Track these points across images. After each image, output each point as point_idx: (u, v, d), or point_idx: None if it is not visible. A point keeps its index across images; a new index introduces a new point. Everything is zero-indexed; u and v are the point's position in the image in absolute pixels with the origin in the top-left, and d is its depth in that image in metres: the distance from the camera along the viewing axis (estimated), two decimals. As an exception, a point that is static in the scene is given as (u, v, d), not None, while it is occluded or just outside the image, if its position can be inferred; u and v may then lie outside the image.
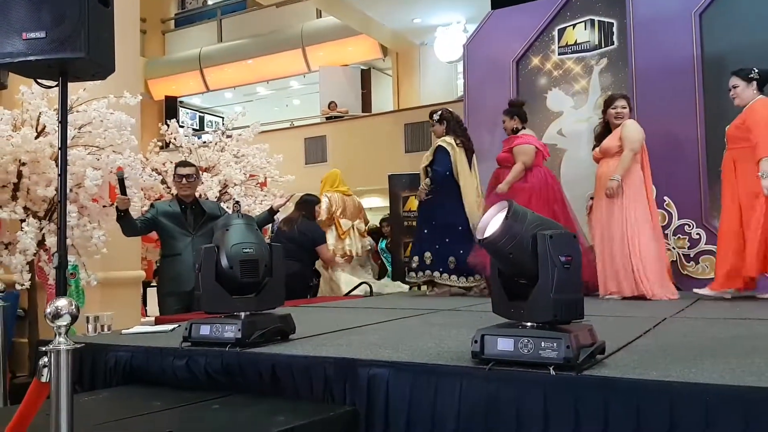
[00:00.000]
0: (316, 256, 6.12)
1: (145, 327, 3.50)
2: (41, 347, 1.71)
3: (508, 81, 7.09)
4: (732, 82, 4.65)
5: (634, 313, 3.83)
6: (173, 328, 3.30)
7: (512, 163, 5.45)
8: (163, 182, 6.11)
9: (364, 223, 7.29)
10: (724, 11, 5.94)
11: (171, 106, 17.47)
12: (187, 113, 19.05)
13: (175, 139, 6.86)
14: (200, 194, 5.66)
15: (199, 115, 19.64)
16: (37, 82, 2.81)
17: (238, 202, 3.41)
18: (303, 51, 15.93)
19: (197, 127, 18.17)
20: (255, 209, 6.24)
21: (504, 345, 2.02)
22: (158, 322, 3.96)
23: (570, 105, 6.77)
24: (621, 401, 1.83)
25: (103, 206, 4.69)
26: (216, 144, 7.00)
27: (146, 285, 7.41)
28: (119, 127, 4.70)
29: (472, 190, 5.48)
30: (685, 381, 1.82)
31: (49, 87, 2.67)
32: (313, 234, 6.04)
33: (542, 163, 5.57)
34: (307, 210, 6.13)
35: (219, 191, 6.29)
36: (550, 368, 1.93)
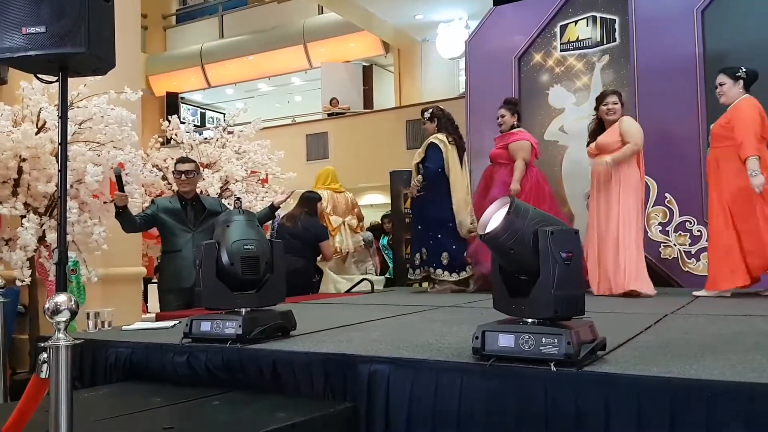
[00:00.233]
0: (318, 252, 6.12)
1: (146, 323, 3.50)
2: (41, 343, 1.70)
3: (509, 78, 7.08)
4: (719, 80, 4.67)
5: (634, 309, 3.82)
6: (174, 325, 3.30)
7: (507, 159, 5.48)
8: (164, 178, 6.10)
9: (357, 219, 7.27)
10: (726, 8, 5.92)
11: (172, 103, 17.47)
12: (188, 109, 19.02)
13: (176, 135, 6.85)
14: (201, 190, 5.65)
15: (201, 112, 19.63)
16: (38, 78, 2.81)
17: (239, 198, 3.40)
18: (304, 47, 15.92)
19: (198, 124, 18.13)
20: (256, 206, 6.23)
21: (505, 341, 2.02)
22: (159, 318, 3.95)
23: (572, 102, 6.76)
24: (622, 397, 1.83)
25: (104, 202, 4.68)
26: (217, 140, 6.98)
27: (147, 281, 7.40)
28: (120, 123, 4.69)
29: (462, 187, 5.50)
30: (686, 377, 1.82)
31: (50, 82, 2.66)
32: (317, 230, 6.06)
33: (534, 162, 5.60)
34: (309, 207, 6.14)
35: (220, 187, 6.28)
36: (551, 364, 1.92)
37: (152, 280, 7.30)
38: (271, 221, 5.64)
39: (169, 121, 6.94)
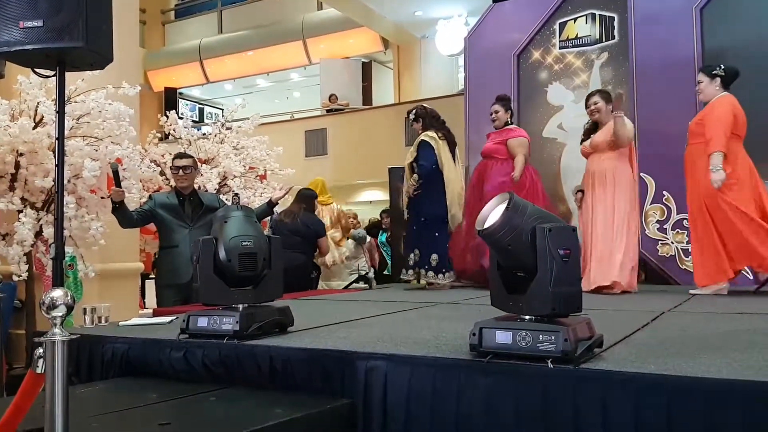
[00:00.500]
0: (316, 248, 6.14)
1: (143, 319, 3.49)
2: (37, 338, 1.70)
3: (508, 74, 7.08)
4: (697, 78, 4.73)
5: (632, 306, 3.83)
6: (171, 320, 3.29)
7: (504, 155, 5.51)
8: (162, 174, 6.09)
9: (342, 231, 7.27)
10: (725, 7, 5.93)
11: (171, 98, 17.43)
12: (187, 105, 19.00)
13: (175, 130, 6.83)
14: (199, 186, 5.64)
15: (199, 107, 19.60)
16: (35, 72, 2.80)
17: (237, 194, 3.39)
18: (304, 43, 15.89)
19: (197, 119, 18.12)
20: (254, 201, 6.22)
21: (502, 338, 2.02)
22: (156, 314, 3.95)
23: (571, 99, 6.76)
24: (618, 395, 1.83)
25: (102, 197, 4.67)
26: (215, 136, 6.97)
27: (145, 277, 7.40)
28: (118, 118, 4.69)
29: (457, 180, 5.51)
30: (683, 375, 1.82)
31: (47, 76, 2.65)
32: (316, 226, 6.08)
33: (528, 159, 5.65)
34: (307, 203, 6.15)
35: (218, 183, 6.28)
36: (548, 361, 1.92)
37: (149, 276, 7.29)
38: (269, 217, 5.64)
39: (168, 117, 6.92)
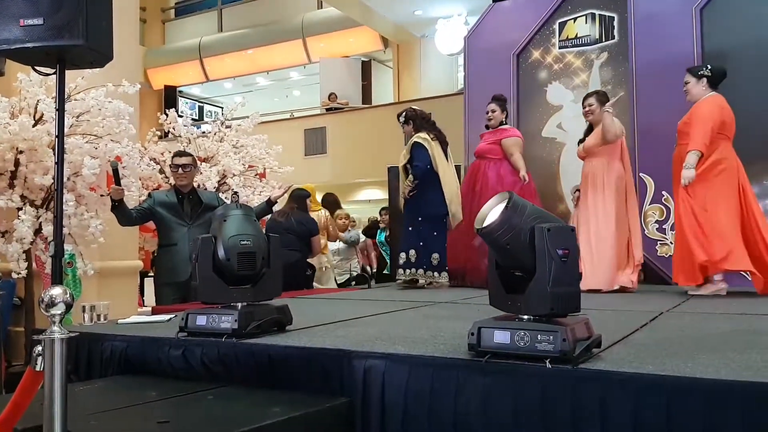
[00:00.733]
0: (310, 246, 6.16)
1: (142, 317, 3.49)
2: (36, 336, 1.70)
3: (508, 74, 7.08)
4: (684, 79, 4.76)
5: (630, 306, 3.83)
6: (170, 318, 3.29)
7: (498, 155, 5.58)
8: (161, 172, 6.10)
9: (328, 238, 7.27)
10: (725, 7, 5.93)
11: (170, 96, 17.45)
12: (187, 103, 19.02)
13: (174, 128, 6.84)
14: (198, 184, 5.64)
15: (199, 105, 19.61)
16: (35, 70, 2.79)
17: (236, 192, 3.39)
18: (303, 42, 15.89)
19: (196, 117, 18.15)
20: (253, 200, 6.23)
21: (501, 337, 2.02)
22: (155, 312, 3.95)
23: (570, 99, 6.76)
24: (617, 395, 1.83)
25: (101, 195, 4.67)
26: (215, 134, 6.97)
27: (143, 275, 7.41)
28: (117, 116, 4.69)
29: (452, 180, 5.52)
30: (681, 375, 1.82)
31: (47, 74, 2.65)
32: (309, 225, 6.09)
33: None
34: (299, 203, 6.15)
35: (218, 181, 6.28)
36: (547, 361, 1.92)
37: (148, 274, 7.30)
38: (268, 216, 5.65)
39: (167, 115, 6.92)
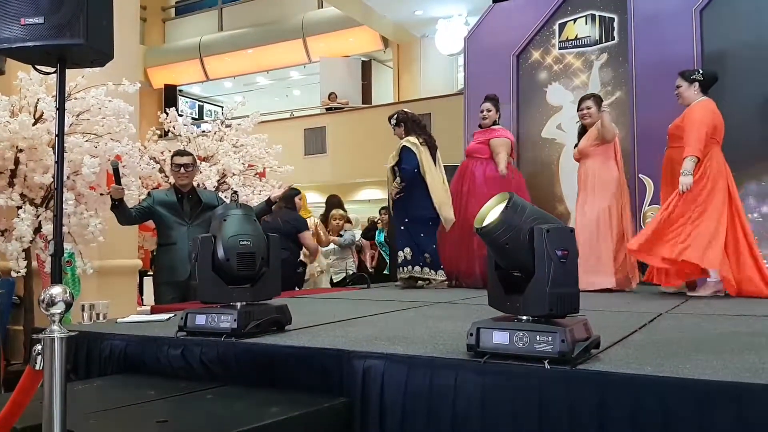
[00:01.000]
0: (300, 245, 6.17)
1: (141, 316, 3.50)
2: (35, 335, 1.70)
3: (508, 75, 7.08)
4: (676, 82, 4.77)
5: (629, 308, 3.83)
6: (169, 318, 3.29)
7: (485, 154, 5.65)
8: (161, 171, 6.10)
9: (318, 244, 7.30)
10: (725, 8, 5.93)
11: (170, 95, 17.45)
12: (187, 102, 19.02)
13: (174, 127, 6.84)
14: (198, 184, 5.65)
15: (199, 104, 19.62)
16: (36, 69, 2.79)
17: (236, 192, 3.39)
18: (304, 41, 15.89)
19: (196, 116, 18.17)
20: (253, 199, 6.23)
21: (499, 338, 2.02)
22: (154, 311, 3.95)
23: (570, 100, 6.76)
24: (615, 396, 1.83)
25: (101, 194, 4.68)
26: (215, 133, 6.97)
27: (143, 274, 7.41)
28: (117, 115, 4.69)
29: (438, 184, 5.54)
30: (680, 376, 1.82)
31: (48, 73, 2.65)
32: (296, 222, 6.10)
33: (515, 159, 5.77)
34: (287, 201, 6.16)
35: (217, 181, 6.28)
36: (545, 362, 1.93)
37: (148, 273, 7.30)
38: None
39: (167, 114, 6.93)
